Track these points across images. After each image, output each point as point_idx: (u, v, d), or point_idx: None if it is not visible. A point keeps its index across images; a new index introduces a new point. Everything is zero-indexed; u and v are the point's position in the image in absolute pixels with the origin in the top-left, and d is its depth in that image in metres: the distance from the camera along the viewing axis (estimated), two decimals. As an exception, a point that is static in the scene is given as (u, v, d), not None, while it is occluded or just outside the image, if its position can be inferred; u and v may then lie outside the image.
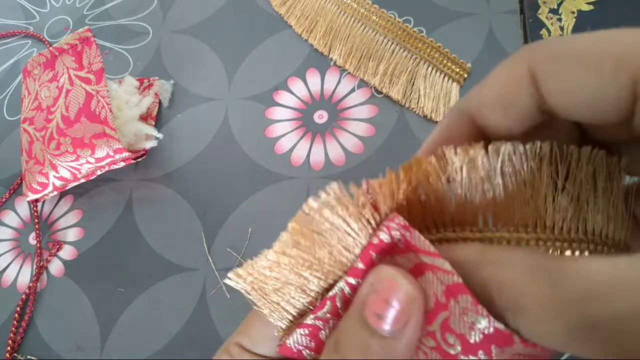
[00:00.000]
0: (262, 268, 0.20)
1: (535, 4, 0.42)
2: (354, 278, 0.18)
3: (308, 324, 0.19)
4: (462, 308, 0.16)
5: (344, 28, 0.45)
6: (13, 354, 0.40)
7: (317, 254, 0.19)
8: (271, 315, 0.20)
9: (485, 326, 0.16)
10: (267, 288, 0.20)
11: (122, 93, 0.45)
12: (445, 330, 0.17)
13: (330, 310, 0.19)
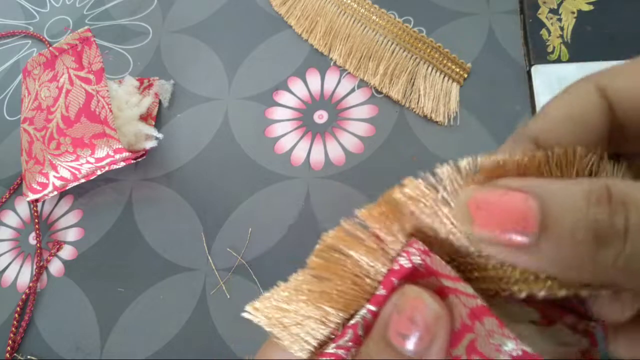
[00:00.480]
0: (281, 301, 0.19)
1: (535, 4, 0.42)
2: (376, 306, 0.18)
3: (330, 352, 0.19)
4: (488, 330, 0.16)
5: (344, 28, 0.45)
6: (13, 354, 0.40)
7: (337, 287, 0.19)
8: (291, 347, 0.20)
9: (513, 348, 0.16)
10: (286, 321, 0.19)
11: (122, 93, 0.45)
12: (471, 352, 0.17)
13: (352, 339, 0.19)
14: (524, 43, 0.41)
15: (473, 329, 0.16)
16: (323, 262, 0.19)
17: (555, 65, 0.39)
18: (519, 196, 0.13)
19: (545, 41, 0.40)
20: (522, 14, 0.42)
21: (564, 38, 0.40)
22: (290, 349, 0.20)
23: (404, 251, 0.18)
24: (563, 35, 0.40)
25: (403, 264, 0.18)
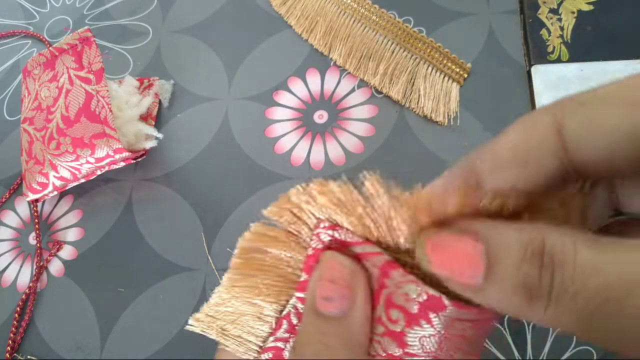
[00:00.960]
0: (217, 305, 0.20)
1: (535, 4, 0.42)
2: (303, 292, 0.19)
3: (270, 347, 0.19)
4: (397, 282, 0.17)
5: (344, 28, 0.45)
6: (13, 354, 0.40)
7: (264, 281, 0.19)
8: (237, 351, 0.20)
9: (418, 293, 0.17)
10: (226, 325, 0.20)
11: (122, 93, 0.45)
12: (388, 307, 0.17)
13: (288, 329, 0.19)
14: (524, 43, 0.41)
15: (385, 284, 0.17)
16: (244, 261, 0.19)
17: (555, 65, 0.39)
18: (469, 242, 0.14)
19: (545, 41, 0.40)
20: (522, 14, 0.42)
21: (564, 38, 0.40)
22: (237, 353, 0.20)
23: (314, 234, 0.19)
24: (563, 35, 0.40)
25: (315, 246, 0.19)
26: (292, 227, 0.19)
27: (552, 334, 0.32)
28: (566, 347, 0.32)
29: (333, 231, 0.18)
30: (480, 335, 0.18)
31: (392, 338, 0.18)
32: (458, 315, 0.17)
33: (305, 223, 0.19)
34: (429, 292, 0.17)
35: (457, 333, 0.17)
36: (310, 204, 0.18)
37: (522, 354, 0.32)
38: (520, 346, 0.32)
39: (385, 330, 0.18)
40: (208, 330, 0.20)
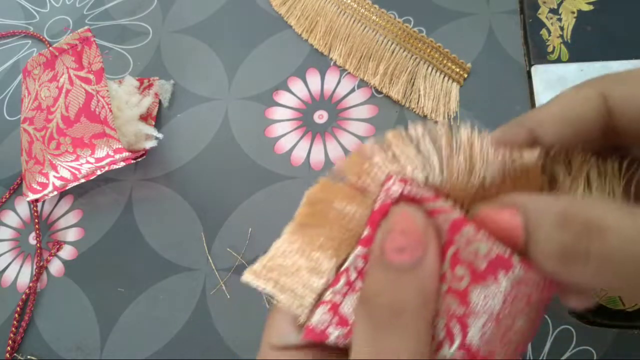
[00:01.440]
0: (274, 258, 0.20)
1: (535, 4, 0.42)
2: (364, 247, 0.19)
3: (328, 300, 0.19)
4: (467, 239, 0.17)
5: (344, 28, 0.45)
6: (13, 354, 0.40)
7: (325, 234, 0.19)
8: (290, 305, 0.20)
9: (488, 250, 0.17)
10: (282, 278, 0.20)
11: (122, 93, 0.45)
12: (454, 264, 0.18)
13: (346, 284, 0.19)
14: (524, 43, 0.41)
15: (454, 241, 0.18)
16: (309, 212, 0.19)
17: (555, 65, 0.39)
18: (508, 214, 0.16)
19: (545, 41, 0.40)
20: (522, 14, 0.42)
21: (564, 38, 0.40)
22: (290, 308, 0.20)
23: (383, 189, 0.19)
24: (563, 35, 0.40)
25: (383, 201, 0.19)
26: (360, 181, 0.19)
27: (552, 334, 0.32)
28: (566, 347, 0.32)
29: (403, 186, 0.18)
30: (542, 302, 0.19)
31: (455, 295, 0.18)
32: (525, 277, 0.17)
33: (375, 178, 0.19)
34: (499, 249, 0.17)
35: (522, 296, 0.18)
36: (384, 155, 0.19)
37: (522, 354, 0.32)
38: (520, 346, 0.32)
39: (448, 288, 0.18)
40: (263, 283, 0.20)
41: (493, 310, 0.18)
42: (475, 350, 0.18)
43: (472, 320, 0.18)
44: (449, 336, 0.18)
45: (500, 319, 0.18)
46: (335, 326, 0.20)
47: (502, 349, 0.19)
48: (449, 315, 0.18)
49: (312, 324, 0.20)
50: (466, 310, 0.18)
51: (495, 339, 0.18)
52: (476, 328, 0.18)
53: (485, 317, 0.18)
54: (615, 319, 0.31)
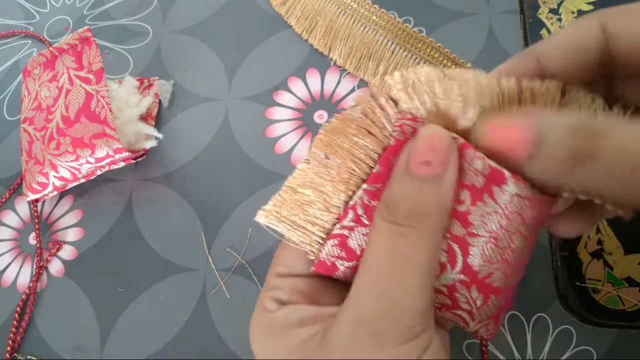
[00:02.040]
0: (285, 194, 0.21)
1: (535, 4, 0.42)
2: (373, 185, 0.20)
3: (336, 233, 0.20)
4: (469, 160, 0.19)
5: (344, 28, 0.45)
6: (13, 354, 0.40)
7: (337, 167, 0.20)
8: (301, 242, 0.21)
9: (483, 166, 0.19)
10: (292, 216, 0.21)
11: (122, 93, 0.45)
12: (458, 189, 0.19)
13: (354, 218, 0.20)
14: (524, 43, 0.41)
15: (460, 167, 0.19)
16: (327, 140, 0.20)
17: (555, 65, 0.39)
18: (521, 119, 0.18)
19: (545, 41, 0.40)
20: (522, 14, 0.42)
21: (564, 38, 0.40)
22: (300, 245, 0.21)
23: (397, 125, 0.20)
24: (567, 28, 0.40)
25: (397, 136, 0.20)
26: (375, 118, 0.20)
27: (552, 334, 0.32)
28: (566, 347, 0.32)
29: (415, 122, 0.20)
30: (537, 222, 0.20)
31: (457, 218, 0.19)
32: (517, 190, 0.19)
33: (389, 115, 0.20)
34: (491, 165, 0.19)
35: (517, 211, 0.19)
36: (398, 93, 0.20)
37: (522, 354, 0.32)
38: (520, 346, 0.32)
39: (452, 212, 0.19)
40: (274, 221, 0.21)
41: (491, 228, 0.19)
42: (476, 270, 0.19)
43: (473, 240, 0.19)
44: (451, 258, 0.20)
45: (498, 237, 0.19)
46: (343, 260, 0.21)
47: (500, 270, 0.20)
48: (451, 237, 0.20)
49: (321, 256, 0.21)
50: (467, 230, 0.19)
51: (495, 259, 0.19)
52: (477, 248, 0.19)
53: (486, 236, 0.19)
54: (615, 319, 0.31)
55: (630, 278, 0.31)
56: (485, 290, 0.20)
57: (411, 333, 0.18)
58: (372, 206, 0.20)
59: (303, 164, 0.21)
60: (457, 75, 0.20)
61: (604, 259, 0.32)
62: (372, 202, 0.20)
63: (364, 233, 0.20)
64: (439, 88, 0.20)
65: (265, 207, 0.21)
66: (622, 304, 0.31)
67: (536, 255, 0.34)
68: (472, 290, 0.19)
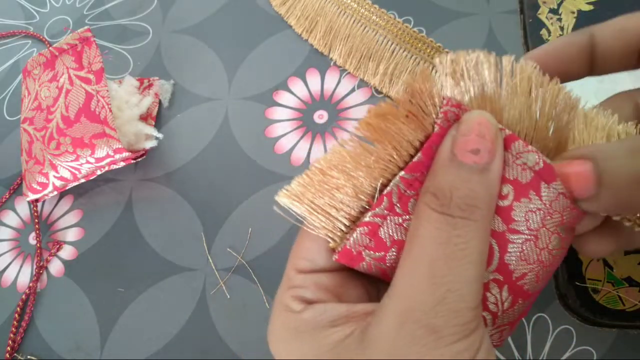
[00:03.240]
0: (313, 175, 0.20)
1: (535, 4, 0.42)
2: (411, 173, 0.19)
3: (367, 221, 0.19)
4: (516, 154, 0.19)
5: (344, 28, 0.45)
6: (13, 354, 0.40)
7: (377, 152, 0.19)
8: (322, 228, 0.20)
9: (535, 161, 0.19)
10: (317, 199, 0.20)
11: (122, 93, 0.45)
12: (501, 183, 0.19)
13: (387, 207, 0.19)
14: (524, 43, 0.41)
15: (503, 159, 0.19)
16: (371, 124, 0.19)
17: (555, 65, 0.39)
18: (578, 162, 0.18)
19: (545, 41, 0.40)
20: (522, 14, 0.42)
21: (564, 38, 0.40)
22: (321, 231, 0.20)
23: (441, 112, 0.19)
24: (563, 36, 0.40)
25: (442, 124, 0.19)
26: (422, 102, 0.20)
27: (552, 334, 0.32)
28: (566, 347, 0.32)
29: (459, 110, 0.19)
30: (571, 224, 0.20)
31: (498, 213, 0.19)
32: (564, 188, 0.19)
33: (435, 102, 0.20)
34: (545, 160, 0.19)
35: (559, 210, 0.19)
36: (444, 80, 0.20)
37: (522, 354, 0.32)
38: (520, 346, 0.32)
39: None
40: (297, 202, 0.20)
41: (533, 226, 0.19)
42: (512, 270, 0.19)
43: (513, 237, 0.19)
44: (489, 254, 0.19)
45: (539, 236, 0.19)
46: (371, 250, 0.19)
47: (534, 272, 0.19)
48: (492, 233, 0.19)
49: (348, 244, 0.19)
50: (508, 227, 0.19)
51: (532, 259, 0.19)
52: (516, 245, 0.19)
53: (526, 233, 0.19)
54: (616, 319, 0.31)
55: (630, 278, 0.31)
56: (515, 293, 0.19)
57: (466, 329, 0.17)
58: (408, 196, 0.19)
59: (338, 146, 0.20)
60: (506, 63, 0.19)
61: (604, 259, 0.32)
62: (407, 191, 0.19)
63: (397, 223, 0.19)
64: (489, 75, 0.19)
65: (289, 187, 0.20)
66: (622, 304, 0.31)
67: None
68: (504, 290, 0.19)
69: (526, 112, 0.19)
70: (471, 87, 0.19)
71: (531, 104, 0.19)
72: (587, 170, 0.17)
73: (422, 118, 0.19)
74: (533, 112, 0.19)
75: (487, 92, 0.19)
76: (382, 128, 0.19)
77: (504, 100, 0.19)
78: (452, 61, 0.19)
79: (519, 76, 0.19)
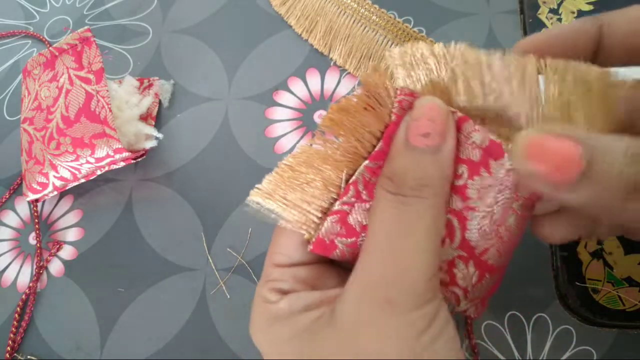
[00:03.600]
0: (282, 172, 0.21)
1: (535, 4, 0.42)
2: (374, 161, 0.20)
3: (336, 210, 0.20)
4: (466, 134, 0.19)
5: (344, 28, 0.45)
6: (13, 354, 0.40)
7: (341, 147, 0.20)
8: (297, 222, 0.21)
9: (482, 139, 0.19)
10: (289, 194, 0.21)
11: (122, 93, 0.45)
12: (456, 163, 0.20)
13: (354, 195, 0.20)
14: (524, 43, 0.41)
15: (457, 140, 0.20)
16: (332, 119, 0.20)
17: (555, 65, 0.39)
18: (570, 143, 0.16)
19: (545, 41, 0.40)
20: (522, 14, 0.42)
21: (564, 38, 0.40)
22: (295, 225, 0.21)
23: (396, 101, 0.20)
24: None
25: (397, 112, 0.20)
26: (378, 95, 0.20)
27: (552, 334, 0.32)
28: (566, 347, 0.32)
29: (413, 98, 0.20)
30: (527, 202, 0.20)
31: (455, 192, 0.20)
32: (513, 165, 0.19)
33: (389, 93, 0.20)
34: (491, 137, 0.19)
35: (511, 187, 0.19)
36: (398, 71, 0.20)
37: (522, 354, 0.32)
38: (520, 346, 0.32)
39: (451, 187, 0.20)
40: (269, 199, 0.21)
41: (488, 202, 0.19)
42: (473, 246, 0.20)
43: (471, 214, 0.20)
44: (450, 232, 0.20)
45: (494, 212, 0.20)
46: (342, 237, 0.20)
47: (495, 247, 0.20)
48: (450, 211, 0.20)
49: (320, 234, 0.20)
50: (465, 204, 0.20)
51: (490, 234, 0.20)
52: (474, 222, 0.20)
53: (483, 210, 0.19)
54: (615, 319, 0.31)
55: (630, 278, 0.31)
56: (481, 268, 0.20)
57: (421, 300, 0.18)
58: (373, 183, 0.20)
59: (304, 144, 0.21)
60: (456, 53, 0.20)
61: (604, 259, 0.32)
62: (372, 179, 0.20)
63: (365, 209, 0.20)
64: (433, 63, 0.20)
65: (260, 185, 0.21)
66: (622, 304, 0.31)
67: (536, 255, 0.34)
68: (470, 266, 0.20)
69: (473, 93, 0.20)
70: (421, 76, 0.20)
71: (476, 84, 0.20)
72: (575, 154, 0.16)
73: (380, 110, 0.20)
74: (478, 92, 0.20)
75: (435, 79, 0.20)
76: (344, 122, 0.20)
77: (450, 84, 0.20)
78: (401, 53, 0.21)
79: (460, 59, 0.21)
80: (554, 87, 0.19)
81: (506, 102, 0.20)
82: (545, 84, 0.19)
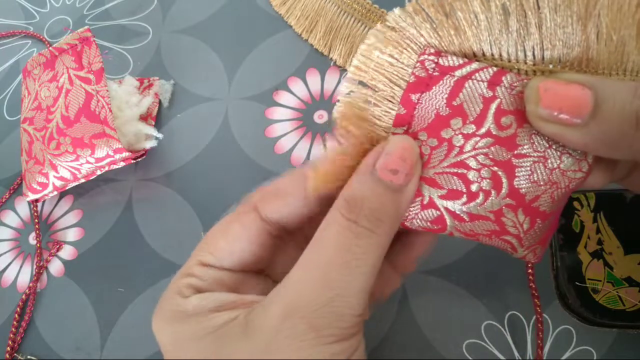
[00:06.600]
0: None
1: (535, 4, 0.42)
2: (400, 127, 0.20)
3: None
4: (510, 84, 0.19)
5: (344, 28, 0.45)
6: (13, 354, 0.40)
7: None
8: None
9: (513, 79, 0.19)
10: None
11: (122, 93, 0.45)
12: (499, 116, 0.19)
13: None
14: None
15: (496, 95, 0.19)
16: (363, 65, 0.20)
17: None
18: (578, 87, 0.17)
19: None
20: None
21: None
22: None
23: (418, 61, 0.20)
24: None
25: (418, 73, 0.20)
26: (397, 52, 0.20)
27: (552, 334, 0.32)
28: (566, 347, 0.32)
29: (437, 57, 0.19)
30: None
31: (501, 145, 0.19)
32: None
33: (409, 51, 0.20)
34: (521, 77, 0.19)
35: None
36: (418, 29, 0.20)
37: (522, 354, 0.32)
38: (520, 346, 0.32)
39: (494, 141, 0.19)
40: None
41: (539, 148, 0.19)
42: (523, 193, 0.19)
43: (520, 161, 0.19)
44: (496, 184, 0.20)
45: (547, 156, 0.19)
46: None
47: (548, 193, 0.20)
48: (495, 163, 0.19)
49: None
50: (513, 153, 0.19)
51: (542, 180, 0.19)
52: (524, 169, 0.19)
53: (534, 156, 0.19)
54: (616, 319, 0.31)
55: (630, 278, 0.31)
56: (532, 214, 0.20)
57: (347, 333, 0.18)
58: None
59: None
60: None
61: (604, 259, 0.32)
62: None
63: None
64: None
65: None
66: (622, 304, 0.31)
67: (536, 255, 0.34)
68: (519, 213, 0.20)
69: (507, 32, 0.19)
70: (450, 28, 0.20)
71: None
72: (585, 96, 0.17)
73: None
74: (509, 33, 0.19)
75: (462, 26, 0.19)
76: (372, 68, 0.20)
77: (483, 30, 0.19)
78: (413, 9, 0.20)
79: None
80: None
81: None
82: None
